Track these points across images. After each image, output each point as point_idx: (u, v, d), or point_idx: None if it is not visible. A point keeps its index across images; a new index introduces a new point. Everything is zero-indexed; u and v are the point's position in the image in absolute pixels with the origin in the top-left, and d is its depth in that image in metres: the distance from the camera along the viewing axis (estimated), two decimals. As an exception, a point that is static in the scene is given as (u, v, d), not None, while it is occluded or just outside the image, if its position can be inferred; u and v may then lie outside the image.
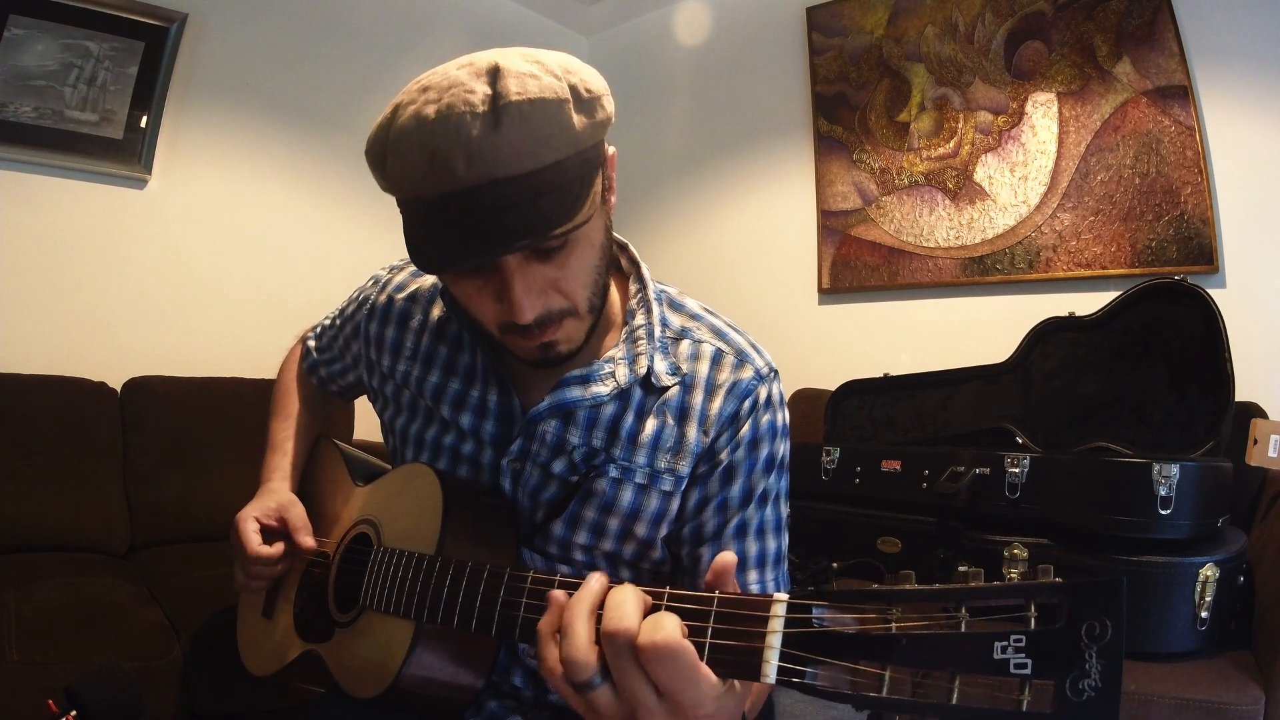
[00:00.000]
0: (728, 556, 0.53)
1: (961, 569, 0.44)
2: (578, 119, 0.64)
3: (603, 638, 0.50)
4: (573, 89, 0.64)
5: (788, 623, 0.47)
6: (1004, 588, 0.41)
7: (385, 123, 0.66)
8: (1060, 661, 0.39)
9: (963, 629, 0.41)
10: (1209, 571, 1.32)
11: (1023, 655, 0.40)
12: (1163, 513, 1.34)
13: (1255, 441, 1.54)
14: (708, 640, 0.49)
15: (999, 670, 0.40)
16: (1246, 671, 1.29)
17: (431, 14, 2.80)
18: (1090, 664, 0.39)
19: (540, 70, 0.64)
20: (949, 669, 0.41)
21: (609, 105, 0.69)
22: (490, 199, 0.62)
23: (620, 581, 0.54)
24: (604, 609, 0.51)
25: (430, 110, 0.62)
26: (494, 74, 0.63)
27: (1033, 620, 0.40)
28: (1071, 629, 0.39)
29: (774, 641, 0.47)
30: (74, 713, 0.83)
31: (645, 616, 0.50)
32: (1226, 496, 1.48)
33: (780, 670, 0.46)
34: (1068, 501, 1.46)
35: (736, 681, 0.50)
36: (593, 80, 0.67)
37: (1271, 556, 1.44)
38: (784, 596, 0.48)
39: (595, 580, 0.54)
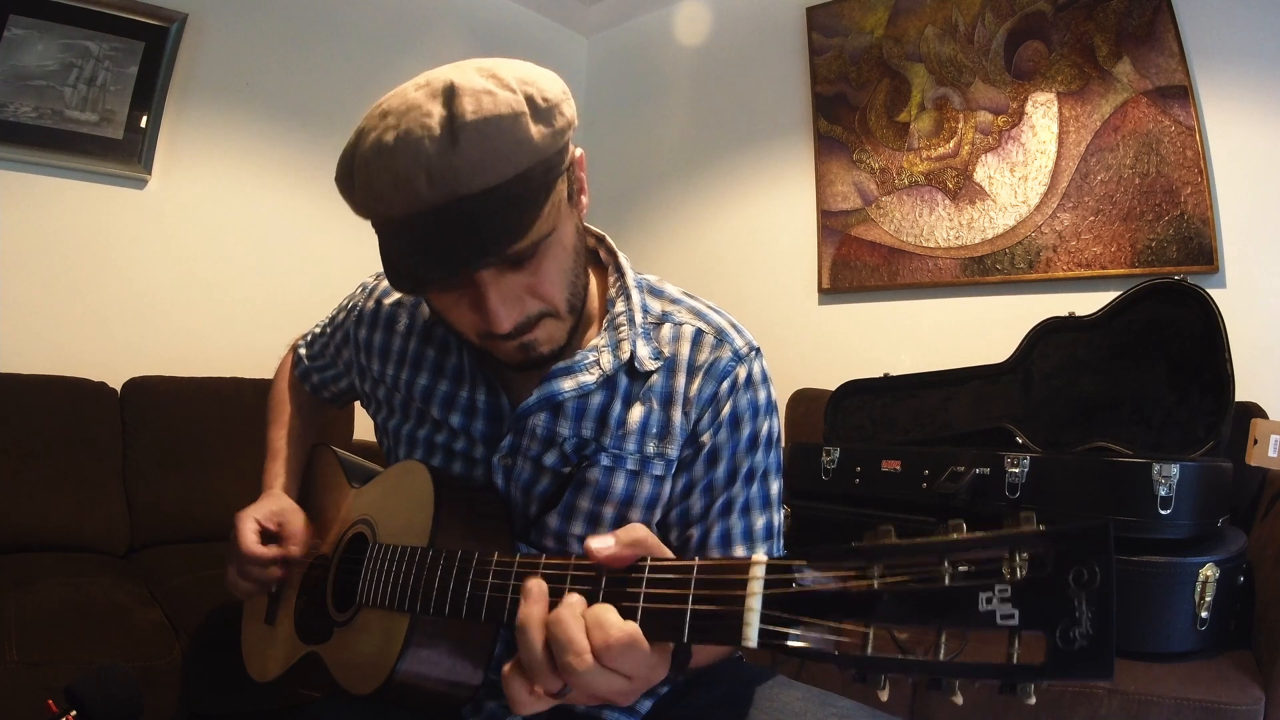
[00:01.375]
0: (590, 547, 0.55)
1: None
2: (535, 129, 0.65)
3: (559, 665, 0.52)
4: (529, 99, 0.65)
5: (768, 584, 0.46)
6: (986, 538, 0.40)
7: (350, 150, 0.69)
8: (1049, 611, 0.37)
9: (946, 582, 0.40)
10: (1209, 571, 1.32)
11: (1009, 606, 0.38)
12: (1163, 513, 1.33)
13: (1255, 441, 1.54)
14: (689, 607, 0.49)
15: (985, 623, 0.39)
16: (1246, 671, 1.29)
17: (431, 14, 2.80)
18: (1080, 612, 0.37)
19: (495, 85, 0.65)
20: (934, 624, 0.40)
21: (569, 110, 0.69)
22: (456, 216, 0.63)
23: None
24: (550, 631, 0.53)
25: (390, 136, 0.64)
26: (449, 94, 0.64)
27: (1018, 570, 0.38)
28: (1059, 577, 0.37)
29: (754, 604, 0.46)
30: (74, 713, 0.83)
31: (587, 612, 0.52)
32: (1226, 496, 1.48)
33: (762, 633, 0.45)
34: (1068, 501, 1.46)
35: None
36: (550, 88, 0.68)
37: (1271, 556, 1.44)
38: (763, 558, 0.47)
39: (536, 590, 0.55)
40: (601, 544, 0.54)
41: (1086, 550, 0.37)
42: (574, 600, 0.53)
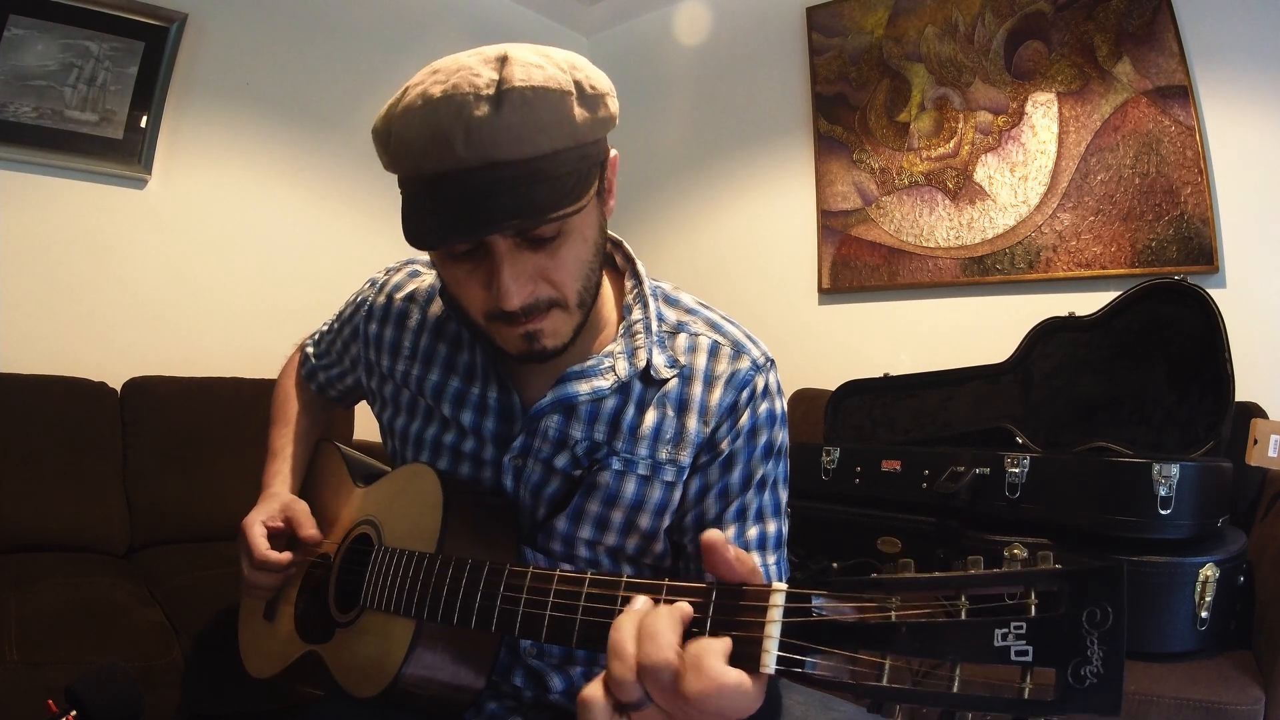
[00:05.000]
0: (714, 534, 0.51)
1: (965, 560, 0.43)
2: (579, 112, 0.66)
3: (641, 671, 0.48)
4: (577, 83, 0.66)
5: (787, 612, 0.47)
6: (1004, 575, 0.41)
7: (394, 103, 0.68)
8: (1061, 648, 0.39)
9: (963, 617, 0.41)
10: (1209, 571, 1.32)
11: (1023, 643, 0.39)
12: (1163, 513, 1.33)
13: (1255, 441, 1.54)
14: (706, 632, 0.49)
15: (1000, 658, 0.40)
16: (1246, 671, 1.29)
17: (431, 14, 2.80)
18: (1092, 650, 0.38)
19: (547, 62, 0.66)
20: (949, 657, 0.41)
21: (613, 105, 0.70)
22: (486, 180, 0.63)
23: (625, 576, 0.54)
24: (639, 637, 0.49)
25: (436, 90, 0.64)
26: (502, 61, 0.65)
27: (1033, 607, 0.40)
28: (1072, 616, 0.39)
29: (773, 631, 0.46)
30: (74, 713, 0.83)
31: (684, 638, 0.48)
32: (1226, 496, 1.48)
33: (780, 660, 0.46)
34: (1068, 501, 1.46)
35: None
36: (599, 80, 0.69)
37: (1271, 556, 1.44)
38: (783, 586, 0.48)
39: (640, 600, 0.52)
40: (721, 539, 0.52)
41: (1100, 590, 0.39)
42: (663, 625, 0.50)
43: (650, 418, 0.79)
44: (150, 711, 1.27)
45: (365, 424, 2.25)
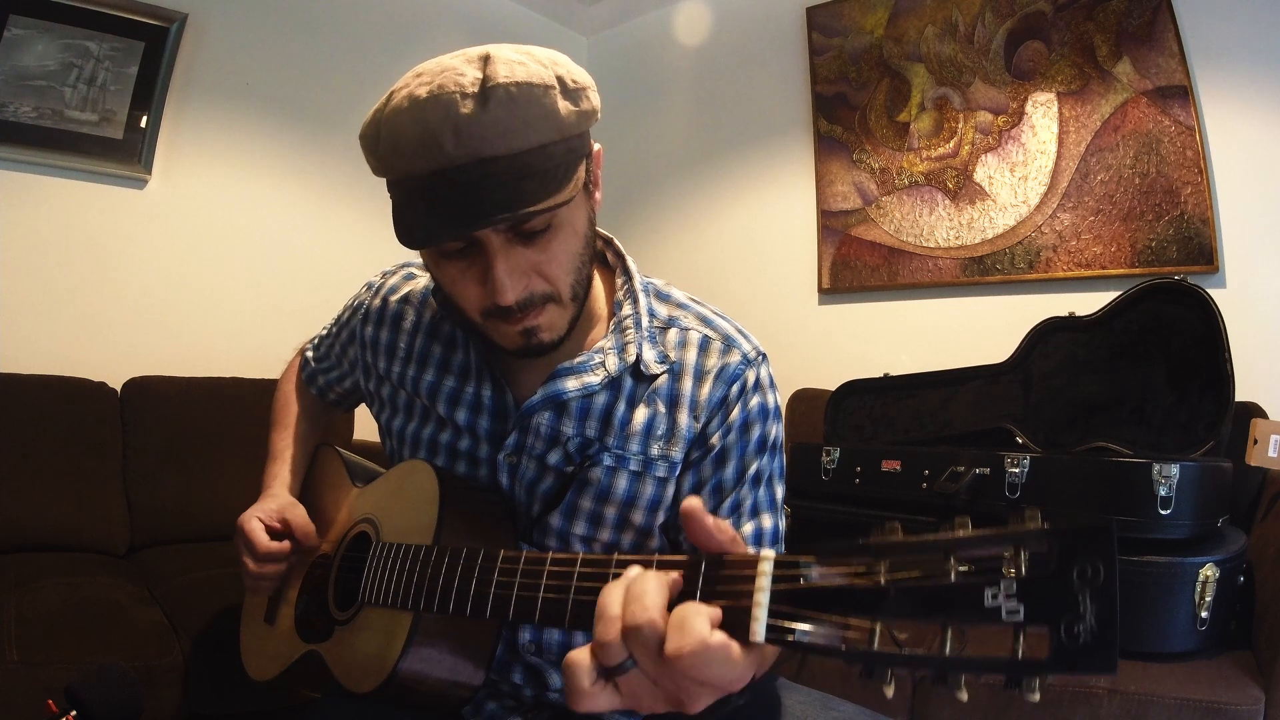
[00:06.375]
0: (693, 501, 0.51)
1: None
2: (563, 105, 0.67)
3: (625, 633, 0.48)
4: (559, 78, 0.68)
5: (775, 579, 0.46)
6: (992, 535, 0.41)
7: (380, 107, 0.69)
8: (1053, 607, 0.38)
9: (952, 578, 0.40)
10: (1209, 571, 1.32)
11: (1014, 602, 0.39)
12: (1163, 513, 1.33)
13: (1255, 441, 1.54)
14: (696, 602, 0.49)
15: (991, 618, 0.39)
16: (1246, 671, 1.29)
17: (431, 14, 2.80)
18: (1084, 608, 0.37)
19: (529, 59, 0.67)
20: (940, 619, 0.41)
21: (594, 98, 0.71)
22: (476, 176, 0.64)
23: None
24: (626, 599, 0.49)
25: (422, 91, 0.65)
26: (485, 60, 0.66)
27: (1023, 566, 0.39)
28: (1063, 573, 0.38)
29: (762, 599, 0.46)
30: (74, 713, 0.83)
31: (671, 604, 0.48)
32: (1226, 496, 1.48)
33: (769, 628, 0.45)
34: (1068, 501, 1.46)
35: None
36: (579, 74, 0.70)
37: (1271, 556, 1.44)
38: (771, 554, 0.48)
39: (632, 569, 0.52)
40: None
41: (1090, 547, 0.38)
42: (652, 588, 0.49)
43: (641, 413, 0.80)
44: (150, 711, 1.27)
45: (365, 425, 2.25)
